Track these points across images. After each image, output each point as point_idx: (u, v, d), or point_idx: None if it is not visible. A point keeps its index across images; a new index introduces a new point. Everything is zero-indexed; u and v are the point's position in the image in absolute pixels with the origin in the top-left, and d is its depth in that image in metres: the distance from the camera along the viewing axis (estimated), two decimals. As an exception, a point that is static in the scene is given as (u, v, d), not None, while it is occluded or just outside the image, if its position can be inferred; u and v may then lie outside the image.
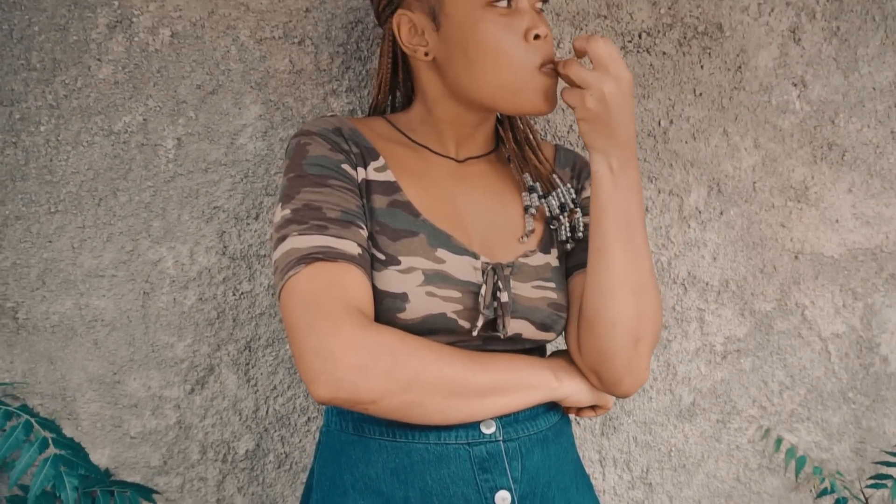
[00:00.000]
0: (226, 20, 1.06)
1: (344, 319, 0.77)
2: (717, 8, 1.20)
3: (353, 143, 0.89)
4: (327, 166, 0.85)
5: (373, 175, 0.89)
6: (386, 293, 0.83)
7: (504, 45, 0.84)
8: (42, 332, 1.08)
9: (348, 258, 0.81)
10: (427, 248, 0.86)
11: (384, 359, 0.77)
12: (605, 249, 0.86)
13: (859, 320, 1.34)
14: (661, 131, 1.22)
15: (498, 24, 0.84)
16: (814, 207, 1.29)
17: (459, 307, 0.86)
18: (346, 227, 0.82)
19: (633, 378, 0.88)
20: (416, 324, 0.84)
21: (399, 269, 0.84)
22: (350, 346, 0.76)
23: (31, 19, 1.02)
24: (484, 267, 0.87)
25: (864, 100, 1.27)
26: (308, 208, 0.82)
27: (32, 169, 1.05)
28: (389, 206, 0.88)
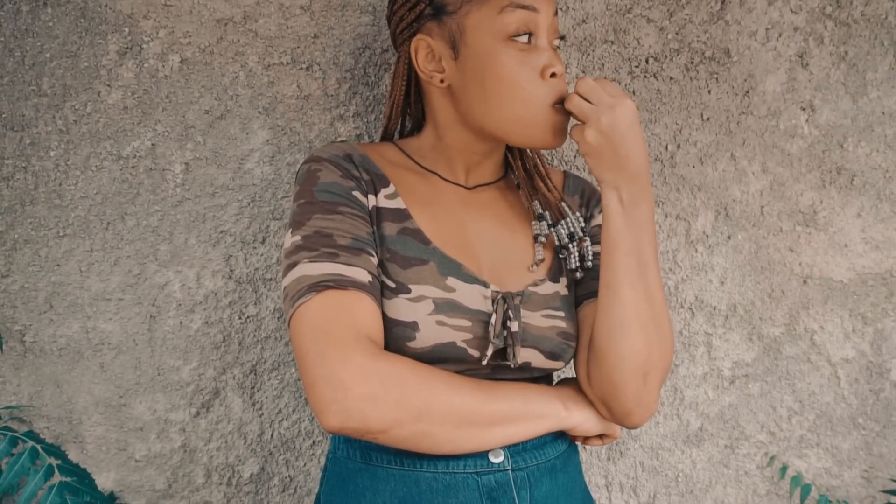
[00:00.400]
0: (234, 46, 1.06)
1: (354, 348, 0.76)
2: (724, 33, 1.20)
3: (364, 169, 0.89)
4: (338, 193, 0.85)
5: (383, 202, 0.88)
6: (396, 321, 0.83)
7: (521, 79, 0.84)
8: (49, 355, 1.09)
9: (359, 286, 0.80)
10: (437, 277, 0.86)
11: (394, 388, 0.76)
12: (615, 286, 0.85)
13: (869, 345, 1.32)
14: (669, 156, 1.22)
15: (516, 59, 0.84)
16: (822, 232, 1.28)
17: (469, 336, 0.85)
18: (356, 255, 0.82)
19: (642, 410, 0.87)
20: (425, 352, 0.84)
21: (409, 297, 0.84)
22: (360, 375, 0.75)
23: (42, 46, 1.03)
24: (494, 296, 0.87)
25: (873, 124, 1.27)
26: (319, 235, 0.82)
27: (42, 193, 1.05)
28: (399, 233, 0.87)
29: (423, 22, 0.89)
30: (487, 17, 0.85)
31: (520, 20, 0.84)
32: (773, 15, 1.21)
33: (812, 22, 1.23)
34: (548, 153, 1.19)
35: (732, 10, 1.20)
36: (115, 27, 1.03)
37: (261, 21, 1.06)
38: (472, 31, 0.86)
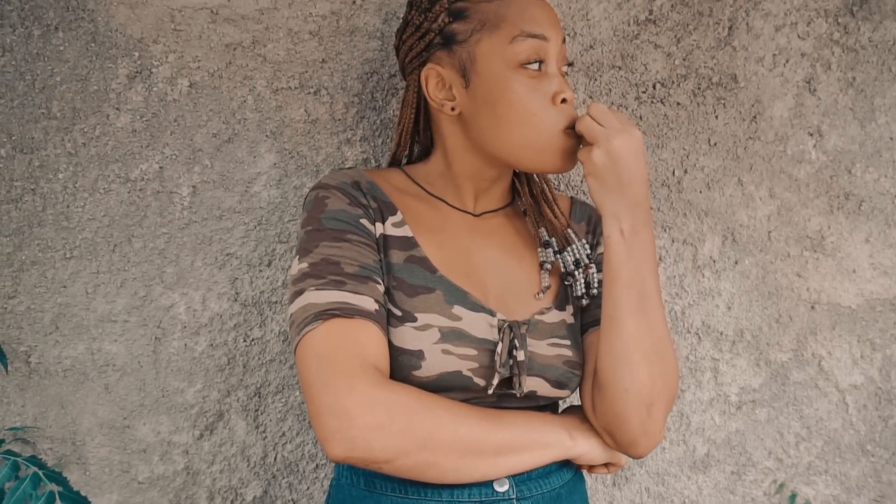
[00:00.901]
0: (243, 71, 1.07)
1: (360, 377, 0.76)
2: (731, 59, 1.20)
3: (372, 196, 0.89)
4: (346, 220, 0.85)
5: (390, 230, 0.88)
6: (402, 350, 0.82)
7: (532, 105, 0.85)
8: (54, 376, 1.08)
9: (365, 314, 0.80)
10: (443, 305, 0.85)
11: (400, 418, 0.76)
12: (617, 318, 0.84)
13: (878, 371, 1.31)
14: (676, 181, 1.21)
15: (527, 86, 0.85)
16: (830, 257, 1.27)
17: (475, 365, 0.85)
18: (363, 283, 0.82)
19: (647, 441, 0.86)
20: (431, 381, 0.83)
21: (415, 325, 0.83)
22: (366, 404, 0.75)
23: (53, 70, 1.03)
24: (500, 324, 0.86)
25: (881, 149, 1.26)
26: (326, 262, 0.82)
27: (50, 215, 1.06)
28: (406, 261, 0.87)
29: (432, 51, 0.89)
30: (498, 46, 0.85)
31: (530, 48, 0.84)
32: (780, 41, 1.21)
33: (819, 48, 1.22)
34: (554, 177, 1.19)
35: (740, 37, 1.20)
36: (125, 51, 1.04)
37: (269, 46, 1.07)
38: (482, 59, 0.86)
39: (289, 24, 1.06)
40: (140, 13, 1.03)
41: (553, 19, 0.88)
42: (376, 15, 1.08)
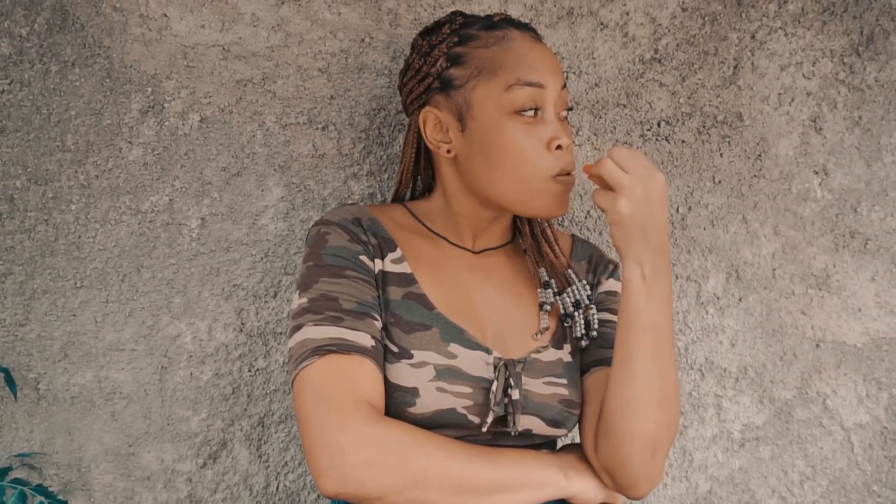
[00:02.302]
0: (253, 106, 1.08)
1: (354, 414, 0.76)
2: (736, 98, 1.20)
3: (372, 233, 0.89)
4: (345, 257, 0.85)
5: (389, 267, 0.88)
6: (397, 386, 0.82)
7: (526, 152, 0.85)
8: (62, 402, 1.10)
9: (361, 350, 0.80)
10: (439, 343, 0.85)
11: (391, 455, 0.76)
12: (630, 363, 0.83)
13: (884, 411, 1.29)
14: (680, 218, 1.21)
15: (522, 132, 0.85)
16: (836, 295, 1.26)
17: (470, 402, 0.84)
18: (360, 319, 0.82)
19: (647, 483, 0.85)
20: (425, 418, 0.83)
21: (411, 363, 0.83)
22: (359, 441, 0.75)
23: (68, 104, 1.06)
24: (496, 362, 0.86)
25: (887, 189, 1.25)
26: (325, 298, 0.82)
27: (62, 245, 1.07)
28: (404, 297, 0.87)
29: (431, 94, 0.89)
30: (494, 93, 0.85)
31: (527, 96, 0.85)
32: (785, 80, 1.21)
33: (825, 87, 1.22)
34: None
35: (745, 76, 1.20)
36: (138, 87, 1.06)
37: (279, 82, 1.08)
38: (478, 105, 0.86)
39: (298, 62, 1.08)
40: (154, 50, 1.05)
41: (552, 65, 0.87)
42: (384, 53, 1.10)
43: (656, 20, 1.17)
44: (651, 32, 1.17)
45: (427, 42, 0.91)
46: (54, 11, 1.04)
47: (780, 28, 1.20)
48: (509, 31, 0.88)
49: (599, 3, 1.15)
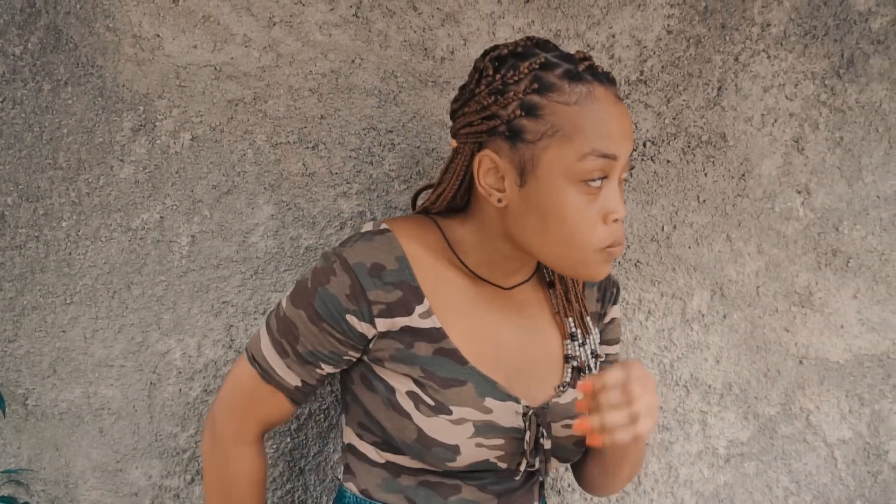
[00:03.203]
0: (244, 125, 1.09)
1: (233, 425, 0.93)
2: (720, 119, 1.22)
3: (395, 285, 0.83)
4: (332, 312, 0.84)
5: (417, 322, 0.85)
6: (436, 442, 0.83)
7: (583, 224, 0.79)
8: (50, 419, 1.10)
9: (282, 388, 0.89)
10: (476, 398, 0.85)
11: (207, 462, 0.95)
12: (615, 470, 0.95)
13: (866, 426, 1.31)
14: (665, 236, 1.23)
15: (583, 202, 0.79)
16: (818, 313, 1.28)
17: (502, 453, 0.86)
18: (302, 365, 0.88)
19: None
20: (461, 469, 0.87)
21: (450, 419, 0.83)
22: (220, 436, 0.93)
23: (60, 122, 1.06)
24: (525, 411, 0.87)
25: (868, 208, 1.27)
26: (291, 328, 0.87)
27: (52, 262, 1.08)
28: (435, 353, 0.85)
29: (494, 137, 0.82)
30: (566, 158, 0.78)
31: (599, 167, 0.79)
32: (768, 101, 1.23)
33: (807, 108, 1.24)
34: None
35: (728, 97, 1.22)
36: (130, 105, 1.07)
37: (270, 102, 1.09)
38: (546, 166, 0.79)
39: (289, 82, 1.09)
40: (147, 69, 1.06)
41: (627, 131, 0.81)
42: (374, 74, 1.11)
43: (642, 42, 1.18)
44: (637, 54, 1.19)
45: (501, 78, 0.81)
46: (48, 31, 1.04)
47: (763, 51, 1.22)
48: (594, 88, 0.79)
49: (586, 25, 1.16)
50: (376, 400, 0.87)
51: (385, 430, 0.86)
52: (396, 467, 0.89)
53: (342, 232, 1.13)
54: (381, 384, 0.87)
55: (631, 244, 1.22)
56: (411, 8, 1.10)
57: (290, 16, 1.08)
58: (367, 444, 0.90)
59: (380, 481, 0.90)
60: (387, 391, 0.86)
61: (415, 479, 0.88)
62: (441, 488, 0.88)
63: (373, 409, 0.88)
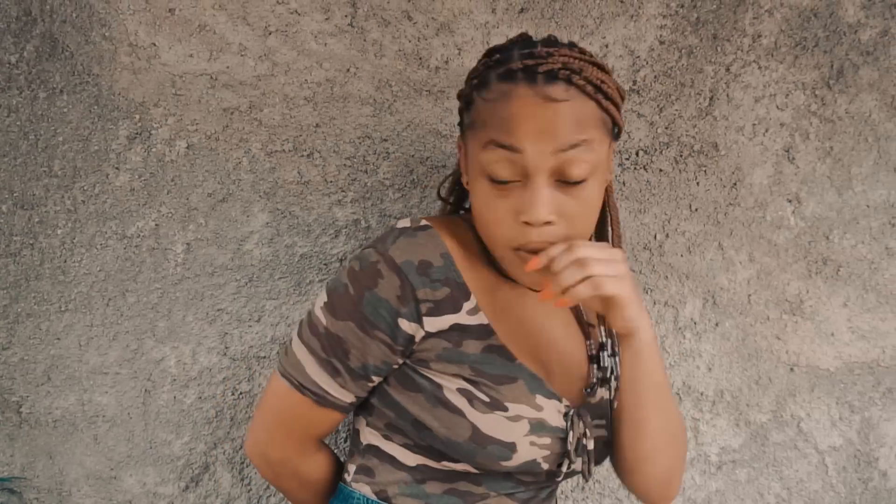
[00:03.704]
0: (239, 134, 1.10)
1: (293, 442, 0.89)
2: (712, 128, 1.23)
3: (442, 281, 0.81)
4: (384, 316, 0.80)
5: (465, 319, 0.82)
6: (492, 439, 0.81)
7: (493, 218, 0.79)
8: (44, 426, 1.09)
9: (337, 407, 0.85)
10: (528, 396, 0.83)
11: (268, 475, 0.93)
12: (643, 421, 0.85)
13: (856, 434, 1.31)
14: (657, 245, 1.23)
15: (493, 196, 0.79)
16: (809, 321, 1.28)
17: (548, 453, 0.85)
18: (355, 381, 0.83)
19: (664, 501, 0.92)
20: (512, 469, 0.84)
21: (507, 416, 0.82)
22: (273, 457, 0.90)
23: (56, 130, 1.06)
24: (567, 410, 0.86)
25: (858, 217, 1.28)
26: (339, 343, 0.81)
27: (47, 269, 1.08)
28: (484, 350, 0.83)
29: (461, 126, 0.88)
30: (476, 148, 0.81)
31: (499, 158, 0.78)
32: (759, 111, 1.24)
33: (798, 118, 1.25)
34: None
35: (720, 107, 1.23)
36: (126, 114, 1.07)
37: (265, 110, 1.10)
38: (471, 157, 0.83)
39: (284, 91, 1.10)
40: (143, 78, 1.06)
41: (543, 128, 0.77)
42: (369, 82, 1.11)
43: (635, 52, 1.19)
44: (630, 64, 1.19)
45: (470, 72, 0.86)
46: (44, 39, 1.04)
47: (754, 61, 1.23)
48: (516, 88, 0.78)
49: (580, 35, 1.17)
50: (418, 399, 0.83)
51: (429, 430, 0.82)
52: (427, 471, 0.86)
53: (336, 240, 1.13)
54: (426, 382, 0.83)
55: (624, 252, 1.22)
56: (406, 18, 1.11)
57: (286, 25, 1.08)
58: (396, 445, 0.86)
59: (402, 485, 0.86)
60: (433, 388, 0.82)
61: (442, 485, 0.86)
62: (469, 496, 0.86)
63: (414, 409, 0.83)
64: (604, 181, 0.83)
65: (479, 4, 1.13)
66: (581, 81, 0.78)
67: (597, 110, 0.80)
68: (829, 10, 1.24)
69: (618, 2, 1.17)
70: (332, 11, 1.09)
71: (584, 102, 0.79)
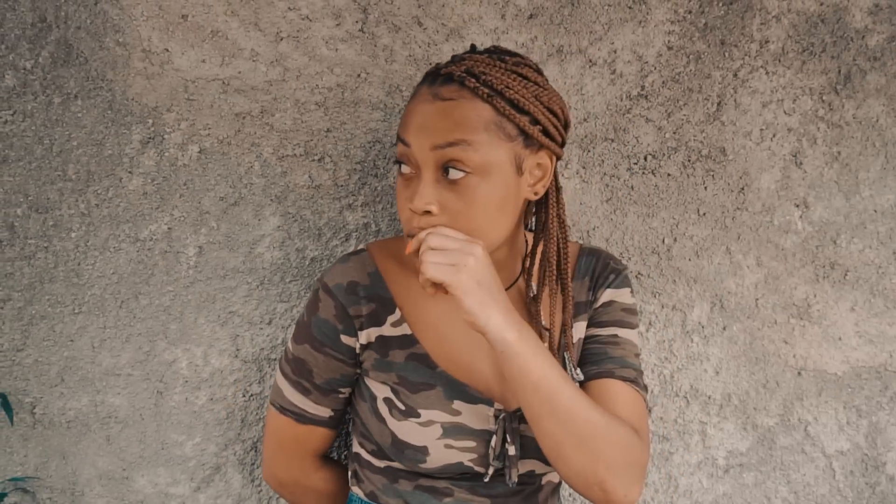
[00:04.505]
0: (251, 138, 1.10)
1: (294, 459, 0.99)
2: (720, 133, 1.23)
3: (368, 298, 0.89)
4: (327, 334, 0.90)
5: (389, 331, 0.90)
6: (406, 444, 0.87)
7: (399, 200, 0.85)
8: (57, 427, 1.10)
9: (317, 422, 0.95)
10: (444, 401, 0.87)
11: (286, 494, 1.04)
12: (534, 422, 0.80)
13: (864, 438, 1.31)
14: (665, 249, 1.23)
15: (400, 182, 0.85)
16: (816, 325, 1.28)
17: (474, 455, 0.87)
18: (326, 395, 0.93)
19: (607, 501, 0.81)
20: (435, 471, 0.87)
21: (419, 421, 0.86)
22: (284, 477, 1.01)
23: (70, 134, 1.07)
24: (497, 414, 0.88)
25: (865, 221, 1.28)
26: (304, 366, 0.92)
27: (61, 272, 1.08)
28: (407, 359, 0.89)
29: None
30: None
31: (401, 151, 0.83)
32: (767, 116, 1.24)
33: (805, 123, 1.25)
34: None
35: (728, 112, 1.23)
36: (139, 119, 1.07)
37: (277, 115, 1.10)
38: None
39: (296, 95, 1.10)
40: (156, 83, 1.07)
41: (427, 125, 0.81)
42: (380, 88, 1.12)
43: (643, 58, 1.19)
44: (638, 70, 1.19)
45: None
46: (59, 45, 1.05)
47: (762, 67, 1.23)
48: (421, 88, 0.84)
49: (588, 41, 1.17)
50: (365, 409, 0.92)
51: (372, 434, 0.91)
52: (394, 472, 0.92)
53: (347, 243, 1.13)
54: (367, 393, 0.91)
55: (632, 256, 1.22)
56: (416, 23, 1.11)
57: (297, 31, 1.09)
58: (366, 451, 0.94)
59: (381, 486, 0.93)
60: (371, 400, 0.91)
61: (410, 483, 0.91)
62: (435, 492, 0.90)
63: (364, 417, 0.92)
64: (506, 186, 0.82)
65: (489, 10, 1.13)
66: (474, 84, 0.80)
67: (491, 113, 0.81)
68: (837, 15, 1.23)
69: (626, 8, 1.17)
70: (343, 17, 1.09)
71: (473, 104, 0.80)
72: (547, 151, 0.85)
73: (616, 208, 1.20)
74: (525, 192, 0.85)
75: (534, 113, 0.82)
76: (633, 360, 0.93)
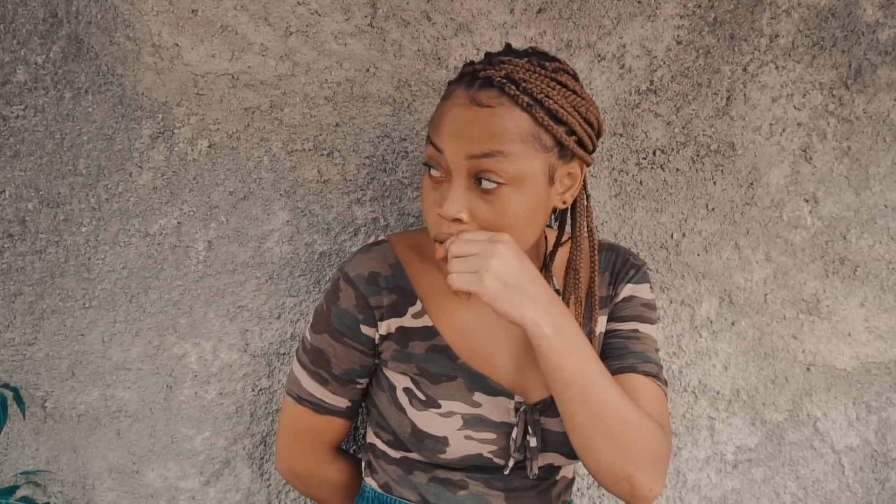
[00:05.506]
0: (260, 133, 1.09)
1: (310, 452, 0.98)
2: (729, 128, 1.22)
3: (389, 289, 0.88)
4: (347, 324, 0.88)
5: (409, 322, 0.89)
6: (427, 434, 0.86)
7: (425, 202, 0.83)
8: (68, 421, 1.09)
9: (335, 412, 0.94)
10: (465, 393, 0.87)
11: (300, 486, 1.02)
12: (567, 416, 0.79)
13: (873, 434, 1.30)
14: (674, 244, 1.22)
15: (427, 185, 0.82)
16: (826, 320, 1.27)
17: (495, 447, 0.87)
18: (343, 386, 0.92)
19: (642, 501, 0.82)
20: (454, 462, 0.87)
21: (439, 412, 0.86)
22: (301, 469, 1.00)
23: (81, 129, 1.06)
24: (517, 406, 0.87)
25: (875, 217, 1.26)
26: (321, 356, 0.91)
27: (71, 266, 1.08)
28: (428, 351, 0.88)
29: None
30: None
31: (431, 154, 0.80)
32: (776, 111, 1.23)
33: (815, 118, 1.24)
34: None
35: (737, 107, 1.22)
36: (149, 113, 1.07)
37: (286, 110, 1.09)
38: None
39: (305, 90, 1.09)
40: (165, 78, 1.07)
41: (460, 132, 0.78)
42: (389, 82, 1.11)
43: (652, 52, 1.18)
44: (647, 64, 1.18)
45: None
46: (69, 40, 1.05)
47: (772, 61, 1.21)
48: (456, 90, 0.81)
49: (597, 35, 1.16)
50: (383, 399, 0.91)
51: (390, 425, 0.90)
52: (409, 463, 0.91)
53: (356, 238, 1.13)
54: (386, 383, 0.90)
55: (640, 251, 1.21)
56: (425, 18, 1.11)
57: (307, 26, 1.08)
58: (382, 442, 0.93)
59: (396, 477, 0.92)
60: (390, 390, 0.90)
61: (426, 474, 0.90)
62: (450, 484, 0.89)
63: (382, 408, 0.91)
64: (538, 196, 0.80)
65: (498, 5, 1.12)
66: (515, 91, 0.77)
67: (529, 123, 0.77)
68: (847, 9, 1.22)
69: (635, 2, 1.16)
70: (352, 12, 1.09)
71: (512, 113, 0.77)
72: (578, 161, 0.83)
73: (624, 203, 1.19)
74: (554, 200, 0.84)
75: (571, 124, 0.79)
76: (654, 354, 0.92)
